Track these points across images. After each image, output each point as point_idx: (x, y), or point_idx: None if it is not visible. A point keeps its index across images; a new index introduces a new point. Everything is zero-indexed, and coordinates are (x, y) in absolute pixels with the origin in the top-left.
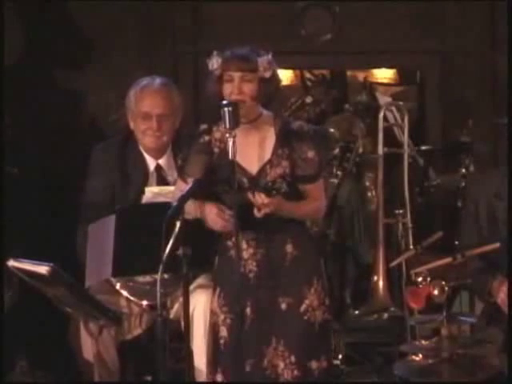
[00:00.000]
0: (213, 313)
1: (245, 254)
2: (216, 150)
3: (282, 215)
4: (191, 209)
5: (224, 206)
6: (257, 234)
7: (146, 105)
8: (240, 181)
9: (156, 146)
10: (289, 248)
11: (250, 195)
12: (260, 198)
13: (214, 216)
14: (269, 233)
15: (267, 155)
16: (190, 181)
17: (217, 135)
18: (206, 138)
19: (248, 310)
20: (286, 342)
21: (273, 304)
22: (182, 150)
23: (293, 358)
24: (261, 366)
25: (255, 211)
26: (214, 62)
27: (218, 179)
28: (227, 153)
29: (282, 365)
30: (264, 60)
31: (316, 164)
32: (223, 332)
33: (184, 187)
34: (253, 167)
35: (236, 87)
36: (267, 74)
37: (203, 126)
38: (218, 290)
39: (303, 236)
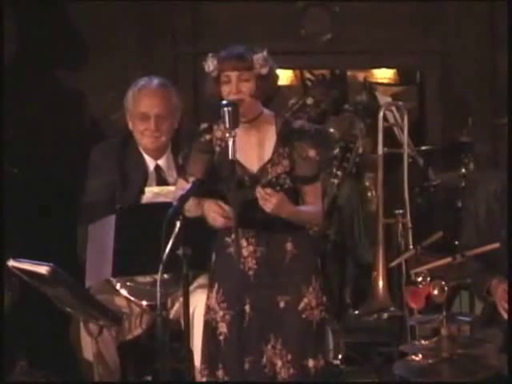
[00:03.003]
0: (210, 309)
1: (244, 252)
2: (217, 148)
3: (282, 216)
4: (192, 207)
5: (223, 203)
6: (257, 232)
7: (144, 105)
8: (242, 179)
9: (155, 146)
10: (289, 246)
11: (256, 190)
12: (264, 192)
13: (214, 213)
14: (269, 231)
15: (268, 154)
16: (192, 180)
17: (218, 134)
18: (207, 136)
19: (247, 308)
20: (284, 341)
21: (271, 302)
22: (183, 149)
23: (289, 357)
24: (259, 364)
25: (261, 203)
26: (210, 64)
27: (219, 177)
28: (228, 151)
29: (279, 363)
30: (259, 57)
31: (316, 164)
32: (223, 328)
33: (185, 186)
34: (253, 166)
35: (234, 87)
36: (264, 71)
37: (204, 125)
38: (216, 286)
39: (303, 235)
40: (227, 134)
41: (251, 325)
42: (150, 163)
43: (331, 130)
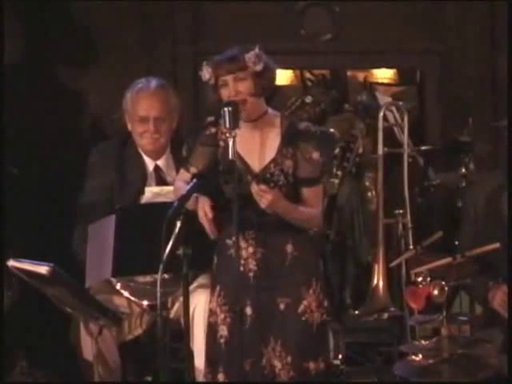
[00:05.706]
0: (212, 312)
1: (244, 253)
2: (221, 143)
3: (279, 213)
4: (191, 204)
5: (211, 208)
6: (257, 233)
7: (143, 108)
8: (244, 176)
9: (154, 147)
10: (289, 248)
11: (251, 185)
12: (259, 188)
13: (202, 211)
14: (269, 232)
15: (271, 154)
16: (192, 171)
17: (223, 128)
18: (213, 130)
19: (248, 309)
20: (284, 343)
21: (271, 304)
22: (188, 141)
23: (289, 359)
24: (259, 366)
25: (256, 198)
26: (206, 73)
27: (221, 171)
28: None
29: (279, 365)
30: (251, 55)
31: (319, 166)
32: (223, 331)
33: (186, 178)
34: (256, 165)
35: (232, 89)
36: (258, 68)
37: (210, 118)
38: (217, 288)
39: (303, 236)
40: (227, 134)
41: (252, 326)
42: (150, 164)
43: (331, 130)
